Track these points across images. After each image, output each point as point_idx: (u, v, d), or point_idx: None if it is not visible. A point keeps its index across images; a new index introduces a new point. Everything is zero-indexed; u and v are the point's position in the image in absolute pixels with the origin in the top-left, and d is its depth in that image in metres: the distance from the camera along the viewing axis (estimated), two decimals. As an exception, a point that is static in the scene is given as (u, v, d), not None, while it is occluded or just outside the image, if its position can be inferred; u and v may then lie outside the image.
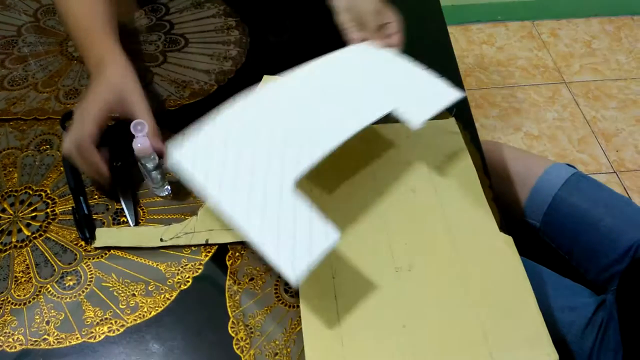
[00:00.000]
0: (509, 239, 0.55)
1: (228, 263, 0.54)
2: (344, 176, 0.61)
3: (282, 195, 0.49)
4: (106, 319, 0.50)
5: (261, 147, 0.52)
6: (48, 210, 0.58)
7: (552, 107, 1.64)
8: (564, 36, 1.87)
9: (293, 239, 0.46)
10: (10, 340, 0.49)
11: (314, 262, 0.45)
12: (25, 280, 0.52)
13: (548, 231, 0.76)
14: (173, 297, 0.52)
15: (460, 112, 0.68)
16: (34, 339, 0.49)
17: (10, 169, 0.62)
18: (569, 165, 0.78)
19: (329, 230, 0.47)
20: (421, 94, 0.60)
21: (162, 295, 0.52)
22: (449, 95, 0.60)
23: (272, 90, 0.58)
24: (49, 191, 0.60)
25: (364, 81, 0.61)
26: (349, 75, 0.61)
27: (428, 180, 0.60)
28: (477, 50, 1.82)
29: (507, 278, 0.52)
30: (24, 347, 0.48)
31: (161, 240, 0.54)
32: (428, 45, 0.80)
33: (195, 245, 0.55)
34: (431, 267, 0.53)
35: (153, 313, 0.50)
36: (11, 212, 0.58)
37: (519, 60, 1.78)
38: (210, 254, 0.55)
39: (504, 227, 0.56)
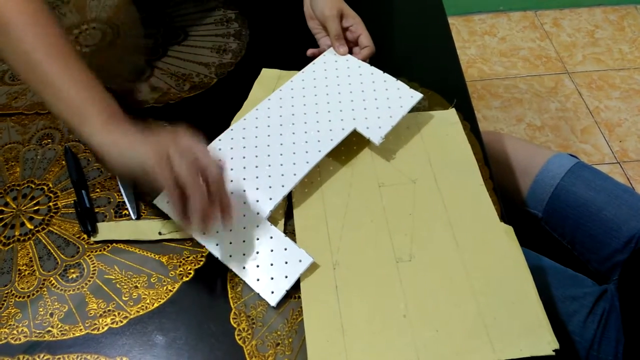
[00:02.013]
0: (509, 229, 0.55)
1: (229, 255, 0.54)
2: (344, 167, 0.61)
3: (259, 226, 0.54)
4: (109, 310, 0.50)
5: (237, 183, 0.56)
6: (50, 203, 0.58)
7: (554, 98, 1.63)
8: (566, 26, 1.86)
9: (270, 267, 0.52)
10: (15, 332, 0.49)
11: (291, 285, 0.51)
12: (28, 273, 0.53)
13: (550, 221, 0.76)
14: (175, 289, 0.52)
15: (460, 102, 0.68)
16: (38, 331, 0.49)
17: (13, 163, 0.62)
18: (571, 155, 0.78)
19: (303, 256, 0.52)
20: (382, 105, 0.63)
21: (165, 287, 0.52)
22: (408, 101, 0.63)
23: (241, 125, 0.61)
24: (51, 185, 0.60)
25: (326, 101, 0.64)
26: (312, 97, 0.64)
27: (428, 170, 0.60)
28: (479, 41, 1.81)
29: (508, 268, 0.52)
30: (28, 339, 0.49)
31: (159, 234, 0.55)
32: (429, 37, 0.80)
33: (192, 239, 0.55)
34: (432, 257, 0.53)
35: (156, 305, 0.51)
36: (14, 205, 0.58)
37: (521, 50, 1.77)
38: (211, 246, 0.55)
39: (505, 217, 0.56)
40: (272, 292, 0.50)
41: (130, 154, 0.47)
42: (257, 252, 0.52)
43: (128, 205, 0.57)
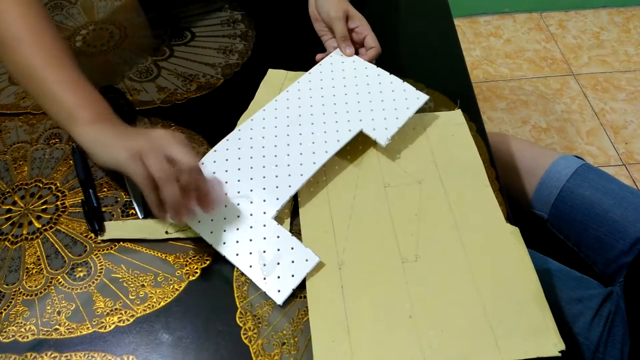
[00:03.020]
0: (515, 230, 0.55)
1: (236, 254, 0.55)
2: (350, 167, 0.61)
3: (266, 226, 0.54)
4: (116, 309, 0.51)
5: (245, 183, 0.57)
6: (58, 202, 0.59)
7: (560, 100, 1.63)
8: (572, 28, 1.85)
9: (277, 265, 0.52)
10: (23, 330, 0.49)
11: (297, 284, 0.51)
12: (36, 272, 0.53)
13: (556, 222, 0.76)
14: (182, 288, 0.52)
15: (466, 103, 0.68)
16: (45, 329, 0.49)
17: (21, 163, 0.62)
18: (577, 157, 0.78)
19: (309, 255, 0.52)
20: (388, 106, 0.63)
21: (171, 286, 0.52)
22: (414, 103, 0.64)
23: (248, 126, 0.62)
24: (58, 184, 0.60)
25: (333, 102, 0.64)
26: (318, 98, 0.65)
27: (434, 171, 0.60)
28: (485, 43, 1.81)
29: (514, 268, 0.52)
30: (35, 337, 0.49)
31: (166, 233, 0.55)
32: (434, 38, 0.80)
33: (199, 238, 0.55)
34: (437, 258, 0.53)
35: (162, 303, 0.51)
36: (22, 204, 0.58)
37: (526, 52, 1.77)
38: (218, 246, 0.55)
39: (511, 218, 0.56)
40: (279, 291, 0.50)
41: (108, 151, 0.50)
42: (264, 251, 0.53)
43: (135, 205, 0.58)
